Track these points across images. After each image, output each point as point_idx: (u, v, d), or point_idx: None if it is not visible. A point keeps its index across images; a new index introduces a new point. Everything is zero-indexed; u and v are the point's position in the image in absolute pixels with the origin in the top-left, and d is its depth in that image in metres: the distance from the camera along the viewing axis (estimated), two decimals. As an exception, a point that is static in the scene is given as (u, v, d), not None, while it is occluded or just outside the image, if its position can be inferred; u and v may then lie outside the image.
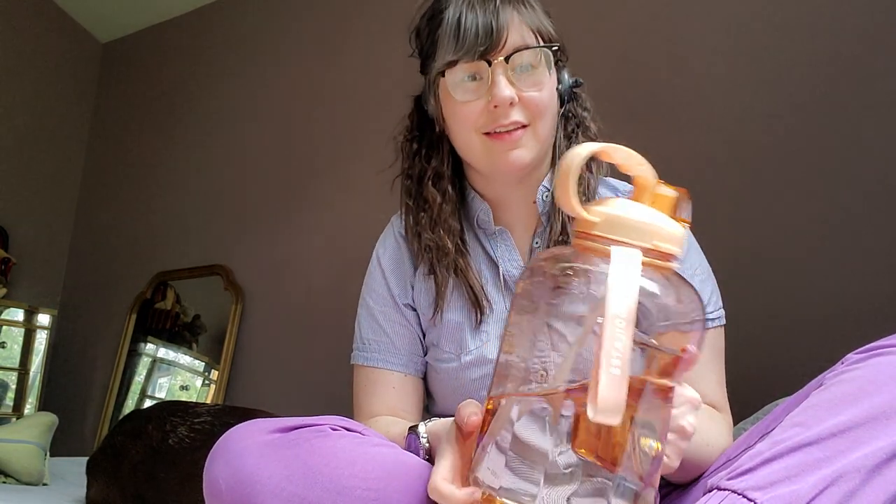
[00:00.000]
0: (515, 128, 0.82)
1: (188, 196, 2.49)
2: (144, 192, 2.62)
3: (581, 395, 0.46)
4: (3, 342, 2.34)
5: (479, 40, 0.81)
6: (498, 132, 0.83)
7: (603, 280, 0.45)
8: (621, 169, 0.51)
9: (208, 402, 2.11)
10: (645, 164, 0.50)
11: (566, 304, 0.49)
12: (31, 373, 2.37)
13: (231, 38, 2.54)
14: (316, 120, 2.23)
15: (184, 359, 2.30)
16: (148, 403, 2.24)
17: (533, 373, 0.51)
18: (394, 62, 1.95)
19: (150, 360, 2.37)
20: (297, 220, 2.18)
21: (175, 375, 2.32)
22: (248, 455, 0.61)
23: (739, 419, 0.96)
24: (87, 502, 1.45)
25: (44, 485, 1.74)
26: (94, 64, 2.92)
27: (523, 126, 0.83)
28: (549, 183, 0.90)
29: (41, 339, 2.43)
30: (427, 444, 0.72)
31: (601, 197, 0.89)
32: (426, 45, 0.89)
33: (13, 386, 2.34)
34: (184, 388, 2.26)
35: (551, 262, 0.50)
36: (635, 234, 0.47)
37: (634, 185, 0.50)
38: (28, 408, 2.34)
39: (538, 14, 0.87)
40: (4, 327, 2.35)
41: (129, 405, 2.33)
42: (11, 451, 1.71)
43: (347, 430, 0.70)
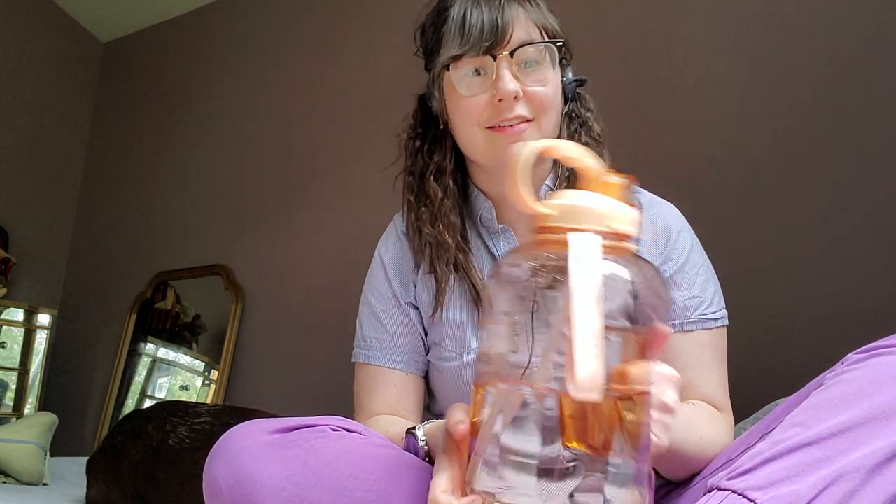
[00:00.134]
0: (519, 122, 0.82)
1: (188, 196, 2.49)
2: (144, 192, 2.62)
3: (564, 387, 0.46)
4: (3, 342, 2.34)
5: (485, 35, 0.81)
6: (501, 126, 0.83)
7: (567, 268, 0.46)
8: (567, 163, 0.53)
9: (208, 402, 2.11)
10: (591, 157, 0.52)
11: (538, 301, 0.50)
12: (31, 373, 2.37)
13: (231, 38, 2.54)
14: (316, 120, 2.23)
15: (184, 359, 2.31)
16: (148, 403, 2.24)
17: (515, 371, 0.51)
18: (394, 62, 1.95)
19: (150, 360, 2.37)
20: (297, 220, 2.18)
21: (175, 375, 2.32)
22: (248, 455, 0.61)
23: (739, 419, 0.96)
24: (87, 502, 1.45)
25: (44, 485, 1.74)
26: (95, 64, 2.92)
27: (527, 121, 0.83)
28: (551, 182, 0.90)
29: (41, 339, 2.43)
30: (425, 447, 0.72)
31: None
32: (431, 41, 0.89)
33: (13, 386, 2.34)
34: (184, 388, 2.26)
35: (516, 262, 0.51)
36: (591, 219, 0.48)
37: (583, 178, 0.52)
38: (28, 408, 2.33)
39: (543, 11, 0.87)
40: (4, 327, 2.35)
41: (129, 405, 2.33)
42: (11, 451, 1.71)
43: (347, 430, 0.70)
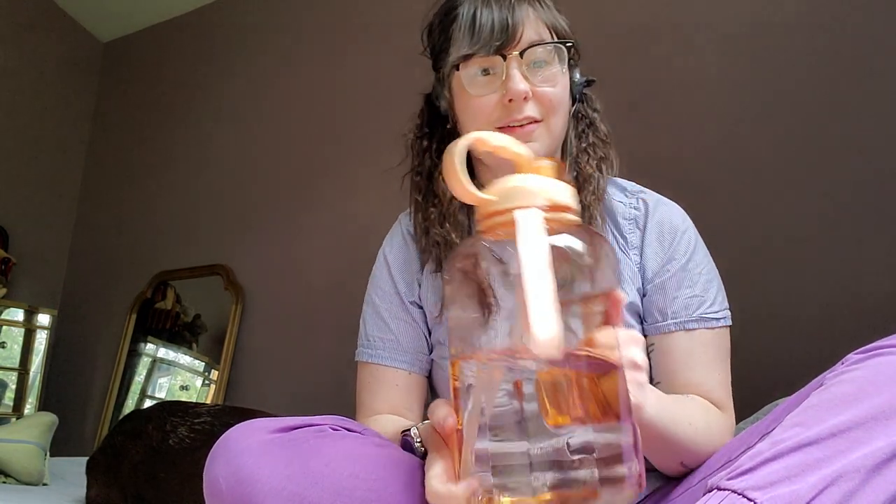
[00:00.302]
0: (529, 122, 0.83)
1: (188, 196, 2.49)
2: (144, 192, 2.62)
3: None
4: (3, 342, 2.34)
5: (495, 35, 0.81)
6: (511, 126, 0.83)
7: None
8: (498, 153, 0.55)
9: (208, 402, 2.11)
10: (520, 147, 0.54)
11: (497, 287, 0.52)
12: (31, 373, 2.37)
13: (231, 37, 2.54)
14: (316, 119, 2.23)
15: (184, 359, 2.30)
16: (148, 403, 2.24)
17: (485, 354, 0.53)
18: (394, 62, 1.95)
19: (150, 360, 2.37)
20: (297, 220, 2.18)
21: (175, 375, 2.32)
22: (248, 454, 0.61)
23: (739, 419, 0.95)
24: (87, 502, 1.45)
25: (44, 485, 1.74)
26: (95, 63, 2.92)
27: (536, 121, 0.83)
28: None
29: (41, 339, 2.43)
30: (422, 448, 0.72)
31: (609, 196, 0.91)
32: (439, 41, 0.89)
33: (13, 386, 2.33)
34: (184, 388, 2.26)
35: (468, 252, 0.53)
36: (531, 197, 0.51)
37: (515, 166, 0.55)
38: (28, 408, 2.33)
39: (553, 11, 0.87)
40: (4, 327, 2.35)
41: (129, 405, 2.33)
42: (11, 451, 1.71)
43: (348, 430, 0.70)
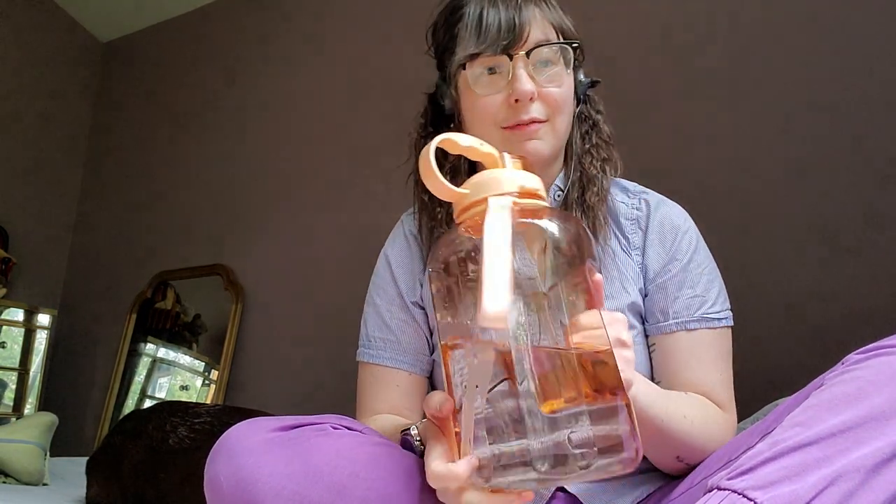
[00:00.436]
0: (534, 122, 0.83)
1: (188, 196, 2.49)
2: (144, 192, 2.62)
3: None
4: (3, 342, 2.34)
5: (502, 34, 0.82)
6: (516, 125, 0.83)
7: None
8: (469, 154, 0.58)
9: (208, 402, 2.11)
10: (487, 146, 0.57)
11: (470, 271, 0.54)
12: (31, 373, 2.37)
13: (232, 37, 2.54)
14: (317, 119, 2.23)
15: (184, 359, 2.31)
16: (148, 403, 2.24)
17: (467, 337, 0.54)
18: (396, 62, 1.95)
19: (150, 360, 2.37)
20: (297, 220, 2.18)
21: (175, 375, 2.32)
22: (248, 453, 0.61)
23: (739, 419, 0.96)
24: (87, 502, 1.45)
25: (44, 485, 1.74)
26: (95, 63, 2.92)
27: (541, 121, 0.84)
28: (561, 182, 0.91)
29: (41, 339, 2.43)
30: (421, 447, 0.72)
31: (612, 196, 0.91)
32: (444, 40, 0.90)
33: (13, 386, 2.34)
34: (184, 388, 2.26)
35: (450, 246, 0.55)
36: (501, 186, 0.54)
37: (485, 165, 0.58)
38: (28, 408, 2.33)
39: (559, 12, 0.88)
40: (4, 327, 2.35)
41: (129, 405, 2.33)
42: (11, 451, 1.71)
43: (348, 429, 0.70)
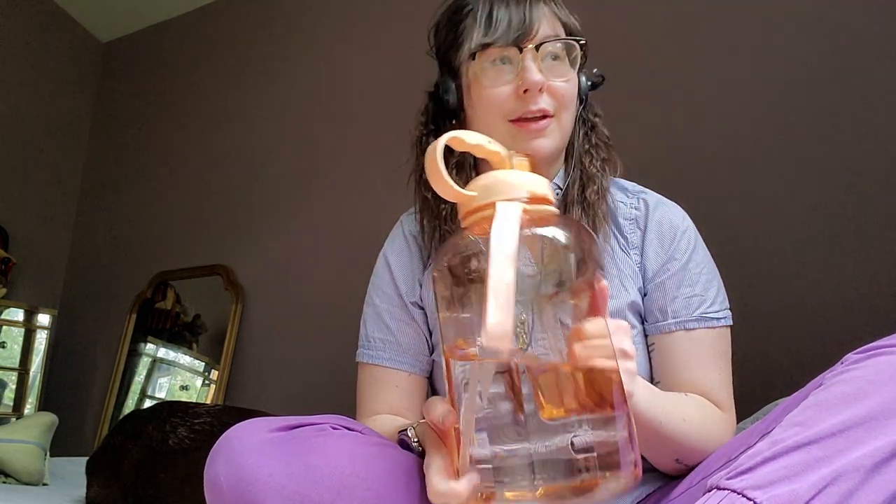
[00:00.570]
0: (542, 115, 0.84)
1: (188, 196, 2.49)
2: (144, 193, 2.62)
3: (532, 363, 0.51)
4: (3, 342, 2.34)
5: (513, 28, 0.84)
6: (525, 119, 0.84)
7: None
8: (476, 152, 0.57)
9: (208, 402, 2.11)
10: (495, 143, 0.56)
11: (476, 278, 0.53)
12: (31, 373, 2.37)
13: (231, 38, 2.54)
14: (317, 119, 2.23)
15: (184, 359, 2.31)
16: (148, 403, 2.24)
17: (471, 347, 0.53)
18: (396, 62, 1.95)
19: (150, 360, 2.37)
20: (297, 220, 2.18)
21: (175, 375, 2.32)
22: (248, 453, 0.61)
23: (739, 419, 0.96)
24: (86, 502, 1.45)
25: (44, 485, 1.74)
26: (95, 63, 2.92)
27: (549, 116, 0.84)
28: (560, 180, 0.91)
29: (41, 339, 2.43)
30: (419, 448, 0.72)
31: (611, 196, 0.91)
32: (449, 36, 0.90)
33: (13, 386, 2.33)
34: (184, 388, 2.26)
35: (453, 249, 0.55)
36: (511, 190, 0.53)
37: (492, 163, 0.56)
38: (28, 408, 2.33)
39: (566, 11, 0.90)
40: (4, 327, 2.35)
41: (129, 405, 2.33)
42: (11, 451, 1.71)
43: (348, 429, 0.70)
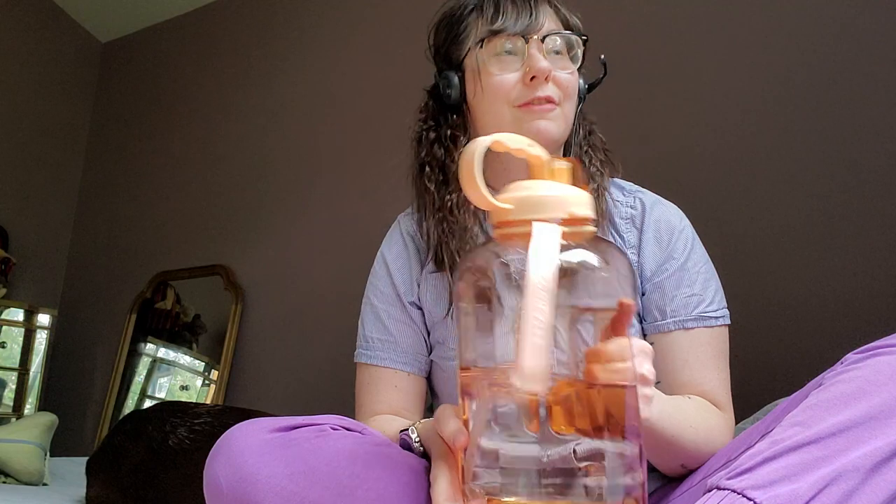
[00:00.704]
0: (548, 102, 0.85)
1: (188, 196, 2.49)
2: (144, 193, 2.62)
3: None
4: (3, 342, 2.34)
5: (520, 20, 0.87)
6: (530, 104, 0.85)
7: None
8: (517, 154, 0.54)
9: (208, 402, 2.11)
10: (536, 146, 0.53)
11: (504, 296, 0.51)
12: (31, 373, 2.37)
13: (231, 38, 2.54)
14: (317, 119, 2.23)
15: (184, 359, 2.31)
16: (148, 403, 2.24)
17: (491, 367, 0.52)
18: (396, 62, 1.95)
19: (150, 360, 2.37)
20: (297, 220, 2.18)
21: (175, 375, 2.32)
22: (248, 454, 0.61)
23: (739, 419, 0.96)
24: (86, 502, 1.45)
25: (44, 485, 1.74)
26: (94, 64, 2.92)
27: (554, 103, 0.86)
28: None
29: (41, 339, 2.43)
30: (420, 448, 0.72)
31: (611, 195, 0.91)
32: (452, 33, 0.92)
33: (13, 386, 2.33)
34: (184, 388, 2.26)
35: (481, 261, 0.52)
36: (549, 209, 0.49)
37: (530, 167, 0.53)
38: (28, 408, 2.33)
39: (568, 11, 0.93)
40: (4, 327, 2.35)
41: (129, 405, 2.33)
42: (11, 451, 1.71)
43: (348, 429, 0.70)
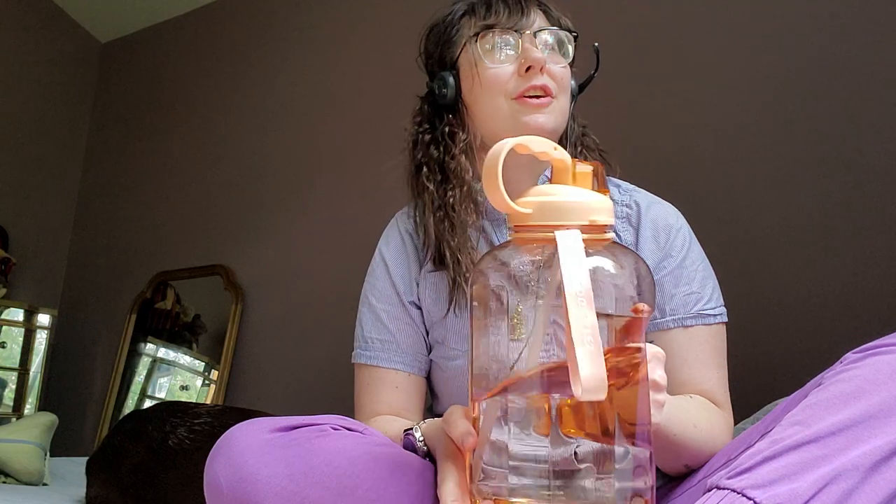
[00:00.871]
0: (544, 93, 0.86)
1: (188, 196, 2.49)
2: (144, 193, 2.62)
3: (557, 379, 0.48)
4: (3, 342, 2.34)
5: (513, 16, 0.89)
6: (527, 96, 0.86)
7: (550, 266, 0.47)
8: (540, 157, 0.54)
9: (208, 402, 2.11)
10: (560, 149, 0.53)
11: (522, 299, 0.51)
12: (31, 373, 2.37)
13: (230, 38, 2.54)
14: (316, 119, 2.23)
15: (184, 359, 2.31)
16: (148, 403, 2.25)
17: (505, 370, 0.52)
18: (395, 63, 1.95)
19: (150, 360, 2.37)
20: (297, 220, 2.18)
21: (175, 375, 2.32)
22: (248, 454, 0.61)
23: (739, 419, 0.96)
24: (86, 502, 1.45)
25: (44, 485, 1.74)
26: (94, 64, 2.92)
27: (549, 94, 0.87)
28: (550, 173, 0.91)
29: (41, 339, 2.43)
30: (424, 448, 0.72)
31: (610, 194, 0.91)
32: (445, 35, 0.93)
33: (13, 386, 2.34)
34: (184, 388, 2.26)
35: (497, 263, 0.52)
36: (571, 215, 0.49)
37: (553, 170, 0.53)
38: (28, 408, 2.34)
39: (559, 12, 0.95)
40: (4, 327, 2.35)
41: (129, 405, 2.33)
42: (11, 451, 1.71)
43: (348, 429, 0.70)
